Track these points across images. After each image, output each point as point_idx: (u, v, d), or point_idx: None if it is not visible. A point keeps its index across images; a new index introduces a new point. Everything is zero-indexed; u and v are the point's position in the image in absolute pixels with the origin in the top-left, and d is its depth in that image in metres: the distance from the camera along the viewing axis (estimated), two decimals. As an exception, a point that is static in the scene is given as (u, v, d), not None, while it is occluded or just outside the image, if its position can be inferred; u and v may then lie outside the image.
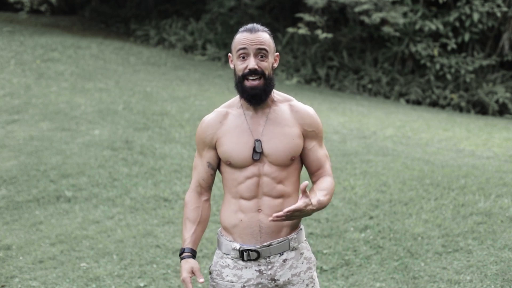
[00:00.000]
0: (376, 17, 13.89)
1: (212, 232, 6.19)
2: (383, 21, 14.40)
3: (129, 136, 9.03)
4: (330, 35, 14.73)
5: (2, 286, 5.28)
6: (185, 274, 2.95)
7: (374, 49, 15.88)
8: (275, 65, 2.97)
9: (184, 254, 2.98)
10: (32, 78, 12.54)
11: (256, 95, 2.88)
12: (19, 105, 10.65)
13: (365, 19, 14.22)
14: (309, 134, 2.99)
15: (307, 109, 3.03)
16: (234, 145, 2.94)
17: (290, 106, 3.01)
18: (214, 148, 3.00)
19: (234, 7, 17.31)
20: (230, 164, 2.96)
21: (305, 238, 3.11)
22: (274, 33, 16.28)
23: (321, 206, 2.88)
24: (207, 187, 3.08)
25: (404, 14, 14.77)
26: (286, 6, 17.12)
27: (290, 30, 14.85)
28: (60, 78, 12.68)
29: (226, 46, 17.13)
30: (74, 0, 23.06)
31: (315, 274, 3.10)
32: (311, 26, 15.02)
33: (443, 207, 6.51)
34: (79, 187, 7.37)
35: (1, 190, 7.34)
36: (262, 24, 3.02)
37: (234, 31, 17.11)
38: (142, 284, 5.30)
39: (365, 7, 13.88)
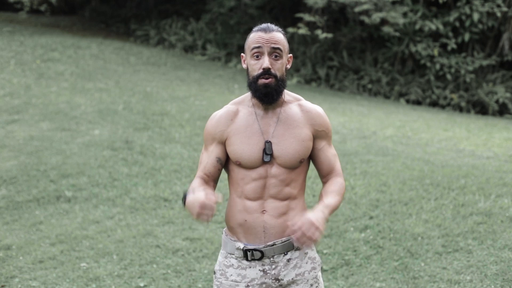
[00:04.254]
0: (376, 17, 13.89)
1: (212, 232, 6.19)
2: (383, 21, 14.40)
3: (129, 136, 9.03)
4: (330, 35, 14.73)
5: (2, 286, 5.28)
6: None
7: (374, 49, 15.88)
8: (288, 66, 2.95)
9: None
10: (32, 78, 12.55)
11: (268, 93, 2.86)
12: (19, 105, 10.65)
13: (365, 19, 14.22)
14: (319, 134, 2.97)
15: (317, 109, 3.02)
16: (245, 145, 2.91)
17: (300, 106, 2.99)
18: (224, 144, 2.96)
19: (234, 7, 17.30)
20: (240, 164, 2.93)
21: None
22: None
23: (331, 209, 2.87)
24: (213, 180, 3.00)
25: (404, 14, 14.77)
26: (286, 6, 17.11)
27: (290, 30, 14.84)
28: (60, 78, 12.68)
29: (226, 46, 17.12)
30: (74, 0, 23.08)
31: (319, 274, 3.07)
32: (311, 26, 15.02)
33: (443, 207, 6.51)
34: (79, 187, 7.37)
35: (1, 190, 7.33)
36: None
37: (234, 31, 17.17)
38: (142, 284, 5.30)
39: (365, 7, 13.88)
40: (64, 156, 8.27)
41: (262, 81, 2.84)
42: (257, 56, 2.85)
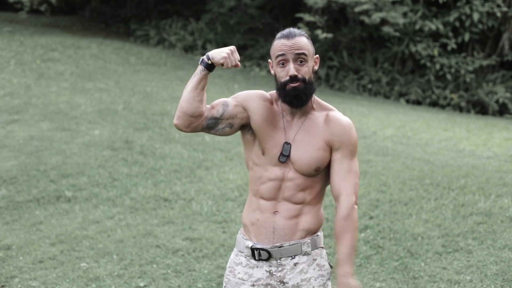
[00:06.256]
0: (376, 17, 13.89)
1: (212, 232, 6.19)
2: (383, 21, 14.40)
3: (129, 136, 9.03)
4: (330, 35, 14.73)
5: (2, 286, 5.29)
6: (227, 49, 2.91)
7: (374, 49, 15.88)
8: (316, 67, 2.97)
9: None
10: (32, 78, 12.54)
11: (297, 96, 2.88)
12: (19, 105, 10.65)
13: (365, 19, 14.22)
14: (336, 144, 2.94)
15: (341, 119, 3.00)
16: (269, 136, 2.96)
17: (326, 116, 2.99)
18: (243, 114, 3.00)
19: (234, 7, 17.30)
20: (263, 154, 2.97)
21: (321, 246, 3.07)
22: (274, 33, 16.27)
23: (352, 260, 2.90)
24: (208, 111, 3.02)
25: (404, 14, 14.77)
26: (286, 6, 17.11)
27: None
28: (60, 78, 12.68)
29: (226, 46, 17.09)
30: (74, 0, 23.10)
31: (328, 283, 3.04)
32: (311, 26, 15.01)
33: (443, 207, 6.51)
34: (79, 187, 7.37)
35: (1, 190, 7.34)
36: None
37: (234, 31, 17.17)
38: (142, 284, 5.30)
39: (365, 7, 13.88)
40: (64, 156, 8.27)
41: (290, 85, 2.87)
42: (283, 64, 2.89)
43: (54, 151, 8.47)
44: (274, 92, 3.03)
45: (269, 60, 3.01)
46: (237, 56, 2.91)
